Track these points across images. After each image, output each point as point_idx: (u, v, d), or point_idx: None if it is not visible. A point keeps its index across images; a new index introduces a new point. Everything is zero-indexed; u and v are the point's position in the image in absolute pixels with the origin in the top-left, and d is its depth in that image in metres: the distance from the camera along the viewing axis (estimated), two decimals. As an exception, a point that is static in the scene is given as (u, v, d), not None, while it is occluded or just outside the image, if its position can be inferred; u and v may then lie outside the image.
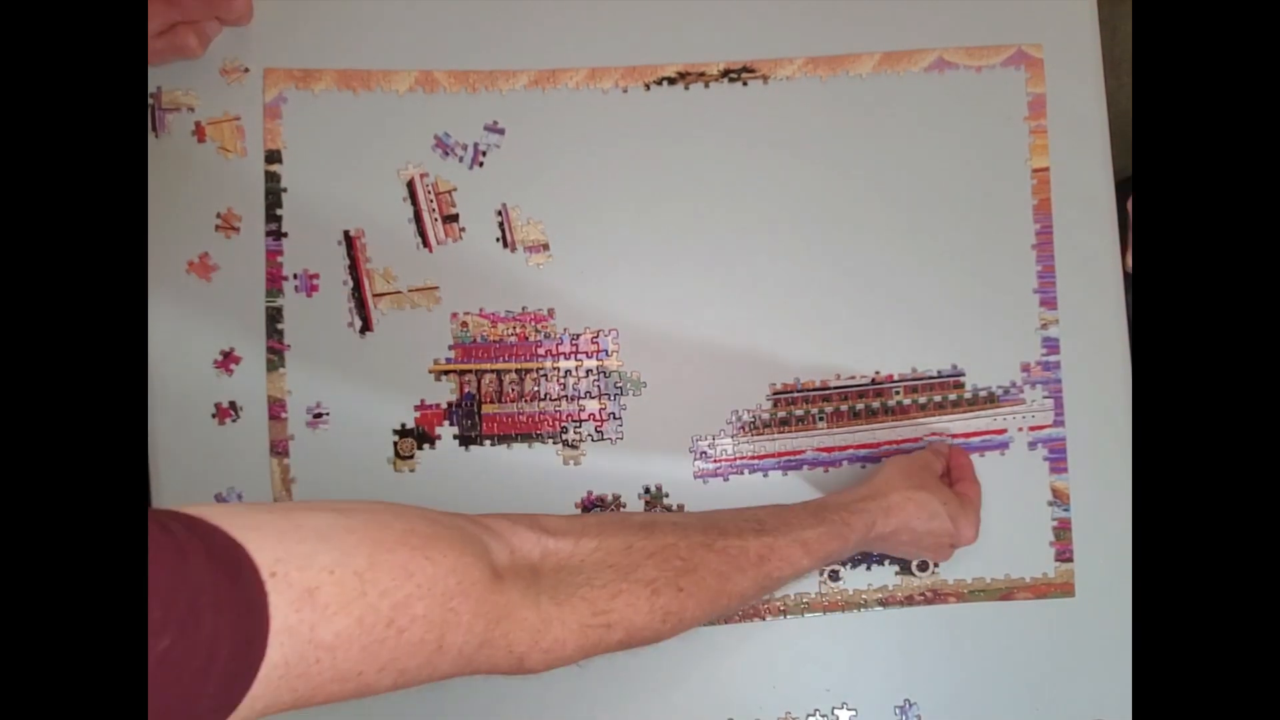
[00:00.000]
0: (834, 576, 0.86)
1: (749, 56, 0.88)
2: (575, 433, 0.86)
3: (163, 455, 0.83)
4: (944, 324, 0.87)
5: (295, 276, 0.85)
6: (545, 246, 0.86)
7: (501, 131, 0.87)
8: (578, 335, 0.86)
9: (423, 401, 0.85)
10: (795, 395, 0.87)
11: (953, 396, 0.87)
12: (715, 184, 0.87)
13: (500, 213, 0.86)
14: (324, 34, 0.86)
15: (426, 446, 0.85)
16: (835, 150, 0.88)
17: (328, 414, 0.85)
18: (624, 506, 0.86)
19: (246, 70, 0.85)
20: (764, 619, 0.86)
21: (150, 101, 0.85)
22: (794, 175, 0.87)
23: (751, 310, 0.87)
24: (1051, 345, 0.87)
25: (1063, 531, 0.87)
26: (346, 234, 0.85)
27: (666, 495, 0.86)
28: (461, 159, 0.86)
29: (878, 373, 0.87)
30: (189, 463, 0.84)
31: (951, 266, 0.87)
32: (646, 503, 0.86)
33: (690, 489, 0.86)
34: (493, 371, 0.86)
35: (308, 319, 0.85)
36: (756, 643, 0.86)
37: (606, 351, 0.86)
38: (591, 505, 0.85)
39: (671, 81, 0.88)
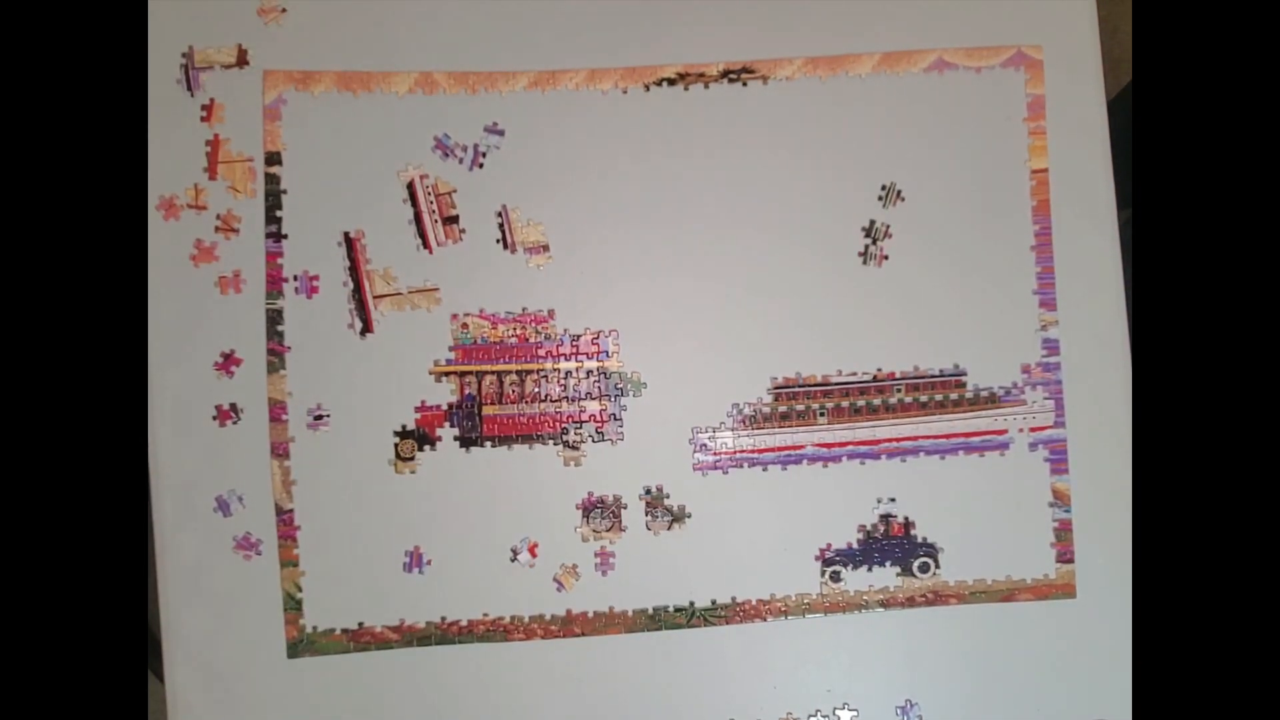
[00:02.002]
0: (835, 578, 0.86)
1: (749, 57, 0.88)
2: (576, 434, 0.86)
3: (164, 457, 0.83)
4: (946, 323, 0.87)
5: (295, 278, 0.85)
6: (545, 247, 0.86)
7: (501, 133, 0.87)
8: (578, 336, 0.86)
9: (423, 403, 0.85)
10: (796, 390, 0.87)
11: (954, 396, 0.87)
12: (715, 184, 0.87)
13: (500, 214, 0.86)
14: (324, 36, 0.86)
15: (427, 448, 0.85)
16: (835, 150, 0.88)
17: (328, 415, 0.85)
18: (625, 508, 0.85)
19: (284, 10, 0.86)
20: (765, 619, 0.86)
21: (182, 60, 0.85)
22: (794, 175, 0.87)
23: (752, 307, 0.87)
24: (1052, 346, 0.87)
25: (1063, 533, 0.87)
26: (346, 235, 0.85)
27: (667, 496, 0.86)
28: (461, 160, 0.86)
29: (879, 370, 0.87)
30: (190, 465, 0.84)
31: (952, 266, 0.87)
32: (647, 504, 0.86)
33: (690, 484, 0.86)
34: (493, 373, 0.85)
35: (308, 321, 0.85)
36: (757, 643, 0.86)
37: (607, 352, 0.86)
38: (592, 507, 0.85)
39: (671, 82, 0.88)
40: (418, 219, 0.86)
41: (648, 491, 0.86)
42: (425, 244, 0.86)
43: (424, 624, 0.84)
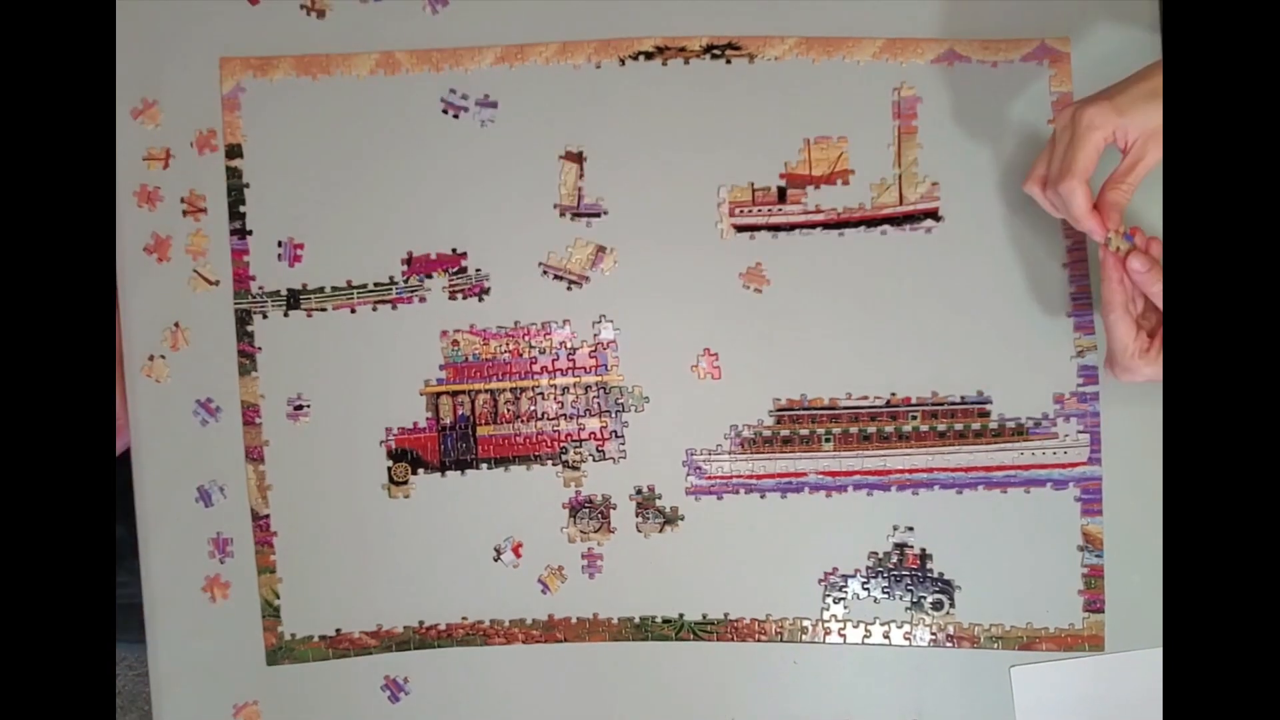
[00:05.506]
0: (839, 604, 0.81)
1: (736, 32, 0.82)
2: (576, 453, 0.82)
3: (145, 448, 0.83)
4: (968, 346, 0.81)
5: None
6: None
7: (494, 105, 0.83)
8: (574, 350, 0.83)
9: (415, 424, 0.83)
10: (800, 413, 0.82)
11: (976, 426, 0.81)
12: (703, 176, 0.82)
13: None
14: (279, 19, 0.83)
15: (421, 471, 0.82)
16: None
17: (308, 405, 0.83)
18: (614, 508, 0.82)
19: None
20: (759, 640, 0.81)
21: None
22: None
23: (755, 321, 0.81)
24: (1089, 374, 0.81)
25: (1094, 580, 0.80)
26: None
27: (659, 497, 0.82)
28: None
29: (893, 394, 0.81)
30: (170, 455, 0.83)
31: (975, 284, 0.81)
32: (638, 504, 0.82)
33: (682, 504, 0.82)
34: (486, 391, 0.83)
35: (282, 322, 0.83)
36: (749, 663, 0.81)
37: (606, 366, 0.82)
38: (580, 506, 0.82)
39: (649, 56, 0.82)
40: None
41: (639, 491, 0.82)
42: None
43: (401, 628, 0.82)
